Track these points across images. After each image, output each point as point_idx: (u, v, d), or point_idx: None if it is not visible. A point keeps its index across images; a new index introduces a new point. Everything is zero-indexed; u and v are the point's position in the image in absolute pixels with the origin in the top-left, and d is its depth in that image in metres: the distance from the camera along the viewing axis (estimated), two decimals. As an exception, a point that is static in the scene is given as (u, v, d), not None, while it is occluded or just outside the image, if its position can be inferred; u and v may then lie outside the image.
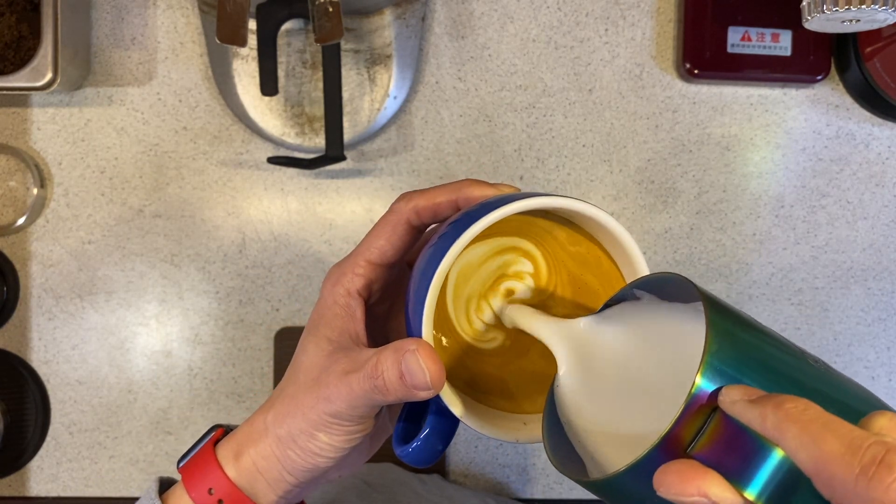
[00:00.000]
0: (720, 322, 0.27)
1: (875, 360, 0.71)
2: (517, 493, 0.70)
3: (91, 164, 0.68)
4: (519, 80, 0.69)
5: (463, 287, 0.38)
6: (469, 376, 0.38)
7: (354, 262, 0.38)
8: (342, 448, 0.36)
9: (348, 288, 0.38)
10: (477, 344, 0.38)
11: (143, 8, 0.68)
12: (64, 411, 0.68)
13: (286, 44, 0.67)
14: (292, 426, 0.36)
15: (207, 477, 0.37)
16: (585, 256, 0.38)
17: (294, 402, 0.36)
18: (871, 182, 0.71)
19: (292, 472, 0.37)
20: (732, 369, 0.26)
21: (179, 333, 0.69)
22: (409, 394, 0.34)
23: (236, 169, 0.69)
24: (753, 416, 0.25)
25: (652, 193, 0.70)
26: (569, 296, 0.38)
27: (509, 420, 0.38)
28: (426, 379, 0.33)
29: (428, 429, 0.37)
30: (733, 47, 0.68)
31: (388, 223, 0.38)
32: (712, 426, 0.26)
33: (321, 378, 0.36)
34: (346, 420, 0.35)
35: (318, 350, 0.37)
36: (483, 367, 0.38)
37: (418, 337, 0.34)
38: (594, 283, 0.38)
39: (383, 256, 0.38)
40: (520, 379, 0.38)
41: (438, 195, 0.37)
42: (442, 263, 0.34)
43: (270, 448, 0.37)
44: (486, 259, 0.38)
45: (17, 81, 0.62)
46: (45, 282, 0.68)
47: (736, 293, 0.70)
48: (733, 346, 0.27)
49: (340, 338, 0.37)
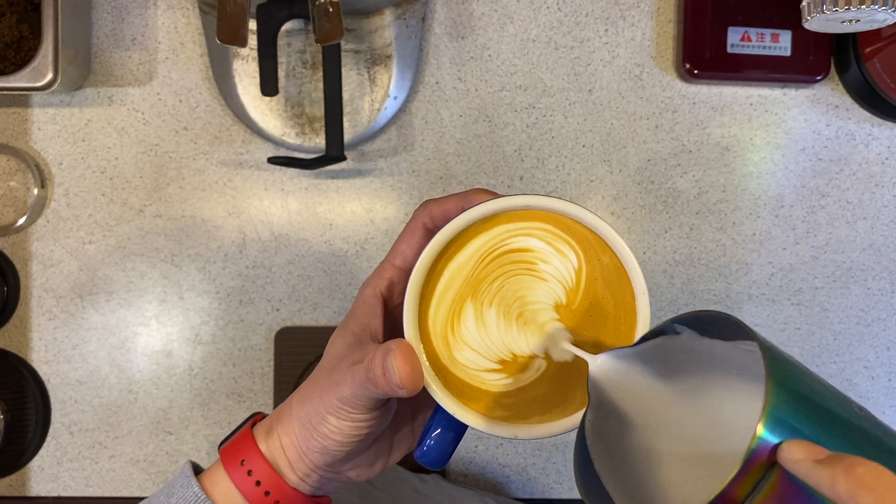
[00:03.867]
0: (778, 370, 0.26)
1: (875, 360, 0.71)
2: (517, 493, 0.70)
3: (91, 165, 0.68)
4: (519, 80, 0.69)
5: (474, 291, 0.38)
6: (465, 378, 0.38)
7: (383, 266, 0.41)
8: (349, 434, 0.38)
9: (374, 288, 0.40)
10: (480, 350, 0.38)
11: (143, 8, 0.68)
12: (64, 411, 0.68)
13: (286, 44, 0.67)
14: (310, 408, 0.38)
15: (241, 451, 0.40)
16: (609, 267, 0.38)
17: (315, 385, 0.39)
18: (871, 182, 0.71)
19: (307, 454, 0.39)
20: (792, 421, 0.25)
21: (180, 333, 0.69)
22: (391, 390, 0.36)
23: (237, 169, 0.69)
24: (822, 478, 0.23)
25: (652, 193, 0.70)
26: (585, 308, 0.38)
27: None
28: (397, 379, 0.35)
29: (439, 429, 0.39)
30: (733, 47, 0.68)
31: (408, 229, 0.40)
32: (770, 483, 0.24)
33: (337, 366, 0.38)
34: (352, 407, 0.37)
35: (342, 342, 0.40)
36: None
37: (402, 338, 0.37)
38: (609, 299, 0.38)
39: (405, 260, 0.40)
40: (522, 398, 0.39)
41: (449, 201, 0.39)
42: (418, 264, 0.36)
43: (293, 427, 0.39)
44: (497, 266, 0.38)
45: (18, 81, 0.62)
46: (46, 282, 0.68)
47: (736, 293, 0.70)
48: (792, 397, 0.25)
49: (362, 333, 0.39)
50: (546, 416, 0.38)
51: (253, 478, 0.39)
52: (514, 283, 0.38)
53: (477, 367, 0.38)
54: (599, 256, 0.38)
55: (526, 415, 0.38)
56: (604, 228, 0.37)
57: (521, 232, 0.37)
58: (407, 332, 0.37)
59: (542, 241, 0.37)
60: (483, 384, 0.38)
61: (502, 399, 0.38)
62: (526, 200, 0.37)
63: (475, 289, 0.38)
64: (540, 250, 0.37)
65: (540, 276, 0.38)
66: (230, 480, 0.40)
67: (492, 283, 0.38)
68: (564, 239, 0.37)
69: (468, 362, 0.38)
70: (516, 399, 0.38)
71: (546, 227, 0.38)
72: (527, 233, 0.37)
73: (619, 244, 0.37)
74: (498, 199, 0.37)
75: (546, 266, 0.37)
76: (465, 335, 0.38)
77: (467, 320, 0.38)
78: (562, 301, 0.38)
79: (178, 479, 0.41)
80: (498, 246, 0.38)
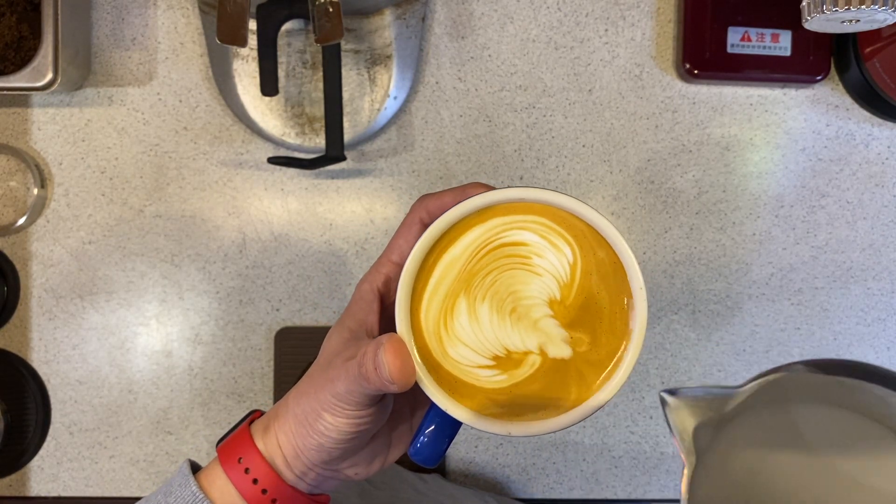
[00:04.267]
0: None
1: (875, 360, 0.71)
2: (517, 493, 0.70)
3: (91, 165, 0.68)
4: (519, 80, 0.69)
5: (477, 288, 0.38)
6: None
7: (380, 261, 0.41)
8: (345, 431, 0.38)
9: (371, 284, 0.40)
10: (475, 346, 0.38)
11: (143, 8, 0.68)
12: (64, 411, 0.68)
13: (286, 44, 0.67)
14: (306, 405, 0.38)
15: (239, 448, 0.40)
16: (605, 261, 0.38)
17: (310, 382, 0.39)
18: (871, 182, 0.71)
19: (304, 451, 0.39)
20: None
21: (180, 333, 0.69)
22: (382, 385, 0.36)
23: (236, 169, 0.69)
24: None
25: (652, 193, 0.70)
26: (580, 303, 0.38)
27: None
28: (387, 373, 0.35)
29: (432, 426, 0.39)
30: (733, 47, 0.68)
31: (405, 224, 0.40)
32: None
33: (333, 362, 0.38)
34: (347, 403, 0.37)
35: (339, 338, 0.39)
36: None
37: (394, 332, 0.37)
38: (604, 294, 0.38)
39: (401, 255, 0.40)
40: (516, 395, 0.38)
41: (446, 195, 0.39)
42: (410, 257, 0.36)
43: (289, 424, 0.39)
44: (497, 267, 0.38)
45: (18, 82, 0.62)
46: (46, 282, 0.68)
47: (736, 293, 0.70)
48: None
49: (358, 329, 0.39)
50: (540, 414, 0.38)
51: (250, 476, 0.39)
52: (508, 278, 0.37)
53: (470, 363, 0.37)
54: (595, 250, 0.37)
55: (520, 412, 0.38)
56: (600, 221, 0.37)
57: (516, 225, 0.37)
58: (399, 327, 0.37)
59: (537, 234, 0.37)
60: (477, 380, 0.38)
61: (496, 396, 0.38)
62: (521, 193, 0.37)
63: (468, 283, 0.37)
64: (534, 244, 0.37)
65: (534, 270, 0.37)
66: (227, 479, 0.39)
67: (485, 278, 0.37)
68: (559, 233, 0.37)
69: (461, 358, 0.37)
70: (510, 396, 0.38)
71: (541, 221, 0.37)
72: (522, 226, 0.37)
73: (615, 238, 0.37)
74: (493, 191, 0.37)
75: (540, 260, 0.37)
76: (458, 330, 0.37)
77: (460, 315, 0.37)
78: (556, 297, 0.37)
79: (175, 478, 0.41)
80: (492, 239, 0.37)
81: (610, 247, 0.37)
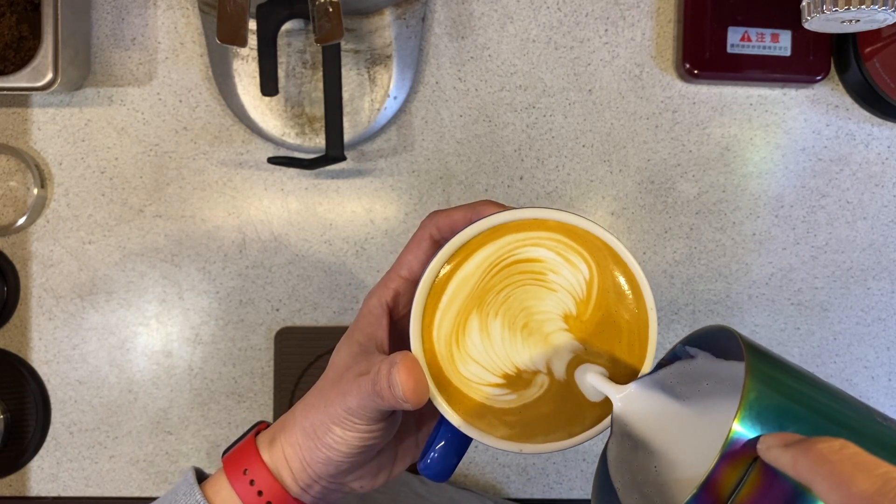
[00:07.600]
0: (761, 369, 0.26)
1: (875, 360, 0.71)
2: (517, 493, 0.70)
3: (91, 165, 0.68)
4: (519, 80, 0.69)
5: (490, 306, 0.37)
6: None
7: (388, 276, 0.40)
8: (354, 445, 0.38)
9: (380, 298, 0.40)
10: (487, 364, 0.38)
11: (143, 8, 0.68)
12: (64, 411, 0.68)
13: (286, 44, 0.67)
14: (315, 418, 0.38)
15: (244, 460, 0.40)
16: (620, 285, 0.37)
17: (320, 395, 0.39)
18: (871, 182, 0.71)
19: (310, 464, 0.39)
20: (774, 416, 0.25)
21: (179, 333, 0.69)
22: (396, 403, 0.35)
23: (236, 169, 0.69)
24: (786, 460, 0.23)
25: (652, 193, 0.70)
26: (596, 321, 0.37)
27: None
28: (401, 392, 0.35)
29: (442, 441, 0.38)
30: (733, 47, 0.68)
31: (414, 239, 0.40)
32: (752, 475, 0.25)
33: (343, 376, 0.38)
34: (358, 418, 0.37)
35: (348, 352, 0.39)
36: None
37: (408, 350, 0.36)
38: (623, 313, 0.37)
39: (410, 271, 0.40)
40: (527, 416, 0.38)
41: (457, 212, 0.39)
42: (424, 276, 0.36)
43: (296, 437, 0.39)
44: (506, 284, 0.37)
45: (18, 82, 0.62)
46: (46, 282, 0.68)
47: (736, 293, 0.70)
48: (775, 393, 0.26)
49: (368, 343, 0.39)
50: (551, 437, 0.37)
51: (255, 487, 0.39)
52: (521, 294, 0.37)
53: (481, 382, 0.37)
54: (612, 269, 0.37)
55: (530, 434, 0.37)
56: (614, 242, 0.36)
57: (530, 242, 0.37)
58: (413, 346, 0.37)
59: (552, 251, 0.37)
60: (487, 399, 0.37)
61: (506, 416, 0.37)
62: (535, 213, 0.36)
63: (481, 300, 0.37)
64: (549, 260, 0.37)
65: (549, 286, 0.37)
66: (232, 490, 0.39)
67: (498, 294, 0.37)
68: (575, 249, 0.37)
69: (472, 376, 0.37)
70: (520, 417, 0.37)
71: (556, 238, 0.37)
72: (536, 243, 0.37)
73: (630, 257, 0.36)
74: (506, 211, 0.37)
75: (555, 276, 0.37)
76: (470, 348, 0.37)
77: (472, 332, 0.37)
78: (571, 312, 0.37)
79: (181, 486, 0.41)
80: (506, 256, 0.37)
81: (626, 265, 0.37)
